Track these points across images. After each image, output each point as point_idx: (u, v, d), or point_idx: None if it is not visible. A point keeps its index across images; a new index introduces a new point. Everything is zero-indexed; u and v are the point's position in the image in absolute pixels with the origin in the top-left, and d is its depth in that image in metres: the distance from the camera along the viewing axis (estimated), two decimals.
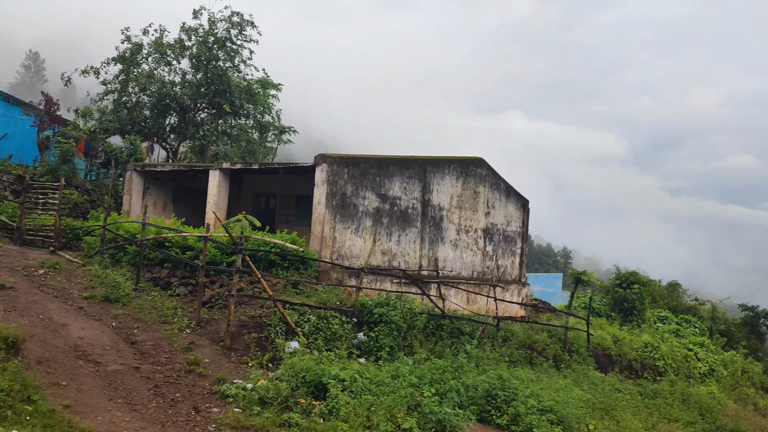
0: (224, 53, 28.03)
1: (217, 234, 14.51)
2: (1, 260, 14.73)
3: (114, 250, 16.40)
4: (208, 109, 29.35)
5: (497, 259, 21.85)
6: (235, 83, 28.17)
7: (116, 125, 27.90)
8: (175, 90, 28.22)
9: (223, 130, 30.61)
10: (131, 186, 21.86)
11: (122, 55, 27.86)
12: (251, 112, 30.10)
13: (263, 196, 24.61)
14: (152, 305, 13.65)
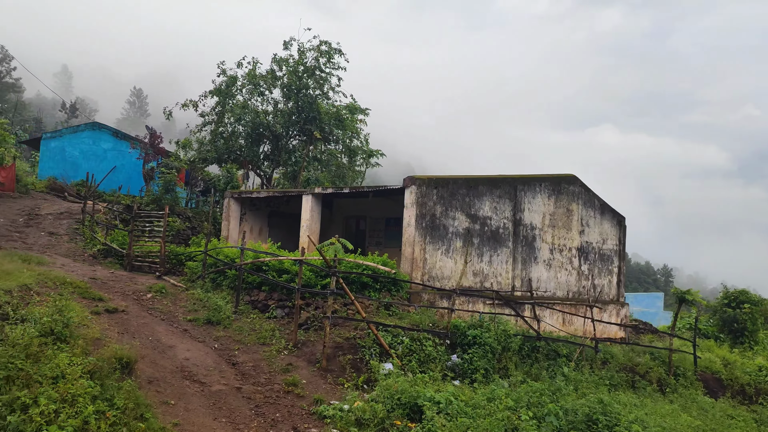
0: (314, 81, 28.97)
1: (312, 257, 14.90)
2: (114, 285, 15.74)
3: (215, 274, 17.16)
4: (300, 135, 30.32)
5: (593, 278, 21.16)
6: (324, 110, 29.01)
7: (214, 155, 29.32)
8: (268, 119, 29.39)
9: (314, 156, 31.51)
10: (229, 212, 22.84)
11: (218, 87, 29.39)
12: (340, 137, 30.87)
13: (354, 218, 25.05)
14: (251, 327, 14.15)
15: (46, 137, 35.86)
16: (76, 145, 35.43)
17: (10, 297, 10.79)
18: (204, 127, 30.01)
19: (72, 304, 11.50)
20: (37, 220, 23.52)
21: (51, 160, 34.96)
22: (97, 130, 36.42)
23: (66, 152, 35.16)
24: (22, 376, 8.46)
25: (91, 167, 33.04)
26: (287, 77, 29.02)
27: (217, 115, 29.56)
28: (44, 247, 20.05)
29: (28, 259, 16.09)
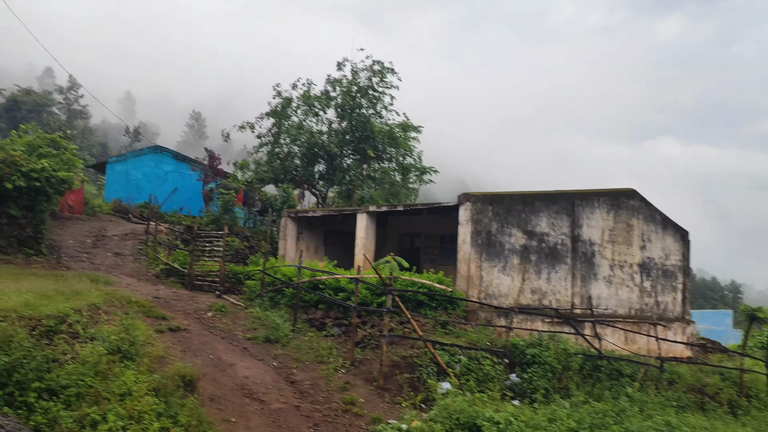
0: (367, 101, 29.28)
1: (367, 275, 14.96)
2: (176, 304, 16.18)
3: (273, 293, 17.44)
4: (353, 155, 30.63)
5: (656, 295, 20.49)
6: (377, 129, 29.25)
7: (270, 175, 29.91)
8: (322, 139, 29.83)
9: (368, 174, 31.75)
10: (286, 231, 23.22)
11: (274, 109, 30.03)
12: (393, 156, 31.00)
13: (408, 236, 25.08)
14: (309, 345, 14.29)
15: (112, 161, 37.38)
16: (140, 168, 36.75)
17: (80, 316, 11.23)
18: (261, 148, 30.66)
19: (137, 322, 11.89)
20: (103, 241, 24.47)
21: (116, 183, 36.36)
22: (159, 153, 37.74)
23: (130, 175, 36.50)
24: (91, 393, 8.78)
25: (153, 189, 34.21)
26: (341, 97, 29.44)
27: (273, 136, 30.17)
28: (111, 267, 20.82)
29: (96, 279, 16.72)
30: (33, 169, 19.40)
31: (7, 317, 9.73)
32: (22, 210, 19.88)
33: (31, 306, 10.76)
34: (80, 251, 22.50)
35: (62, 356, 9.43)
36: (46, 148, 21.13)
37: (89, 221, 28.35)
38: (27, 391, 8.29)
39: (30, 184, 19.33)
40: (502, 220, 17.04)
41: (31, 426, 7.87)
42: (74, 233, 24.96)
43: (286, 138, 29.98)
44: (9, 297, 10.93)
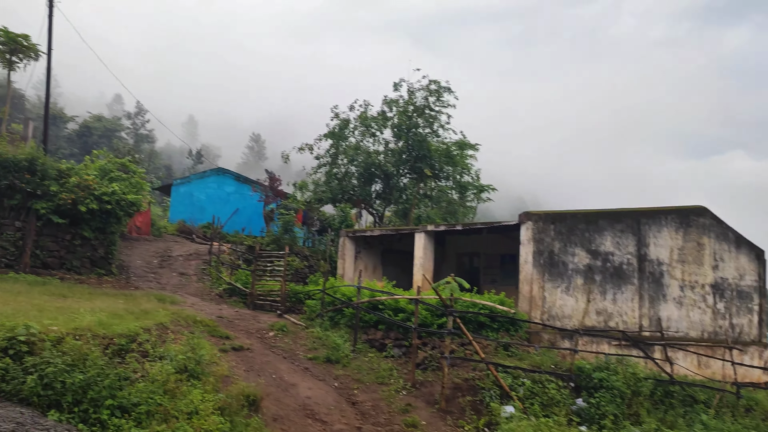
0: (423, 120, 29.38)
1: (427, 296, 14.87)
2: (239, 323, 16.47)
3: (332, 312, 17.54)
4: (410, 174, 30.70)
5: (731, 317, 19.60)
6: (434, 148, 29.28)
7: (328, 195, 30.27)
8: (379, 159, 30.04)
9: (425, 193, 31.74)
10: (344, 251, 23.38)
11: (332, 130, 30.47)
12: (450, 174, 30.94)
13: (467, 255, 24.84)
14: (369, 366, 14.27)
15: (176, 183, 38.64)
16: (203, 189, 37.86)
17: (149, 335, 11.54)
18: (319, 168, 31.13)
19: (203, 342, 12.13)
20: (169, 261, 25.21)
21: (180, 204, 37.53)
22: (221, 175, 38.80)
23: (193, 196, 37.63)
24: (161, 411, 8.98)
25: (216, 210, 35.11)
26: (397, 117, 29.64)
27: (331, 156, 30.60)
28: (176, 287, 21.40)
29: (162, 298, 17.21)
30: (105, 192, 20.22)
31: (82, 336, 10.09)
32: (94, 232, 20.75)
33: (104, 325, 11.12)
34: (147, 271, 23.24)
35: (133, 374, 9.69)
36: (116, 172, 22.02)
37: (155, 242, 29.29)
38: (100, 409, 8.54)
39: (102, 207, 20.16)
40: (564, 240, 16.69)
41: None
42: (142, 254, 25.81)
43: (343, 158, 30.35)
44: (84, 316, 11.33)
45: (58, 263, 20.22)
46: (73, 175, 20.57)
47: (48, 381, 8.48)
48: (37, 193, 19.67)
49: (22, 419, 7.71)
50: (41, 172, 19.66)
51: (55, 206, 19.66)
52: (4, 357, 8.72)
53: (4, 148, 19.45)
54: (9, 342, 8.93)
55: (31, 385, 8.40)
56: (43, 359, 8.77)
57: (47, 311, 11.84)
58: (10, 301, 12.65)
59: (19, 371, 8.61)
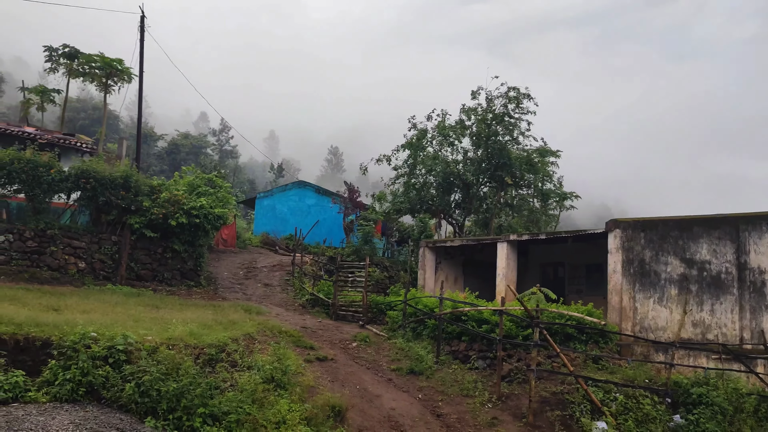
0: (503, 128, 28.93)
1: (512, 307, 14.55)
2: (322, 334, 16.65)
3: (414, 323, 17.45)
4: (490, 182, 30.28)
5: None
6: (514, 155, 28.76)
7: (407, 205, 30.26)
8: (458, 168, 29.81)
9: (505, 202, 31.22)
10: (424, 261, 23.26)
11: (409, 141, 30.46)
12: (532, 182, 30.31)
13: (551, 265, 24.18)
14: (453, 378, 14.06)
15: (260, 197, 39.78)
16: (285, 202, 38.78)
17: (237, 345, 11.84)
18: (397, 179, 31.17)
19: (288, 352, 12.33)
20: (254, 273, 25.88)
21: (264, 217, 38.58)
22: (302, 188, 39.65)
23: (276, 209, 38.60)
24: (250, 420, 9.16)
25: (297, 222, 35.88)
26: (476, 126, 29.33)
27: (409, 167, 30.59)
28: (261, 298, 21.92)
29: (249, 309, 17.66)
30: (193, 206, 21.03)
31: (175, 345, 10.46)
32: (184, 245, 21.61)
33: (195, 335, 11.50)
34: (234, 282, 23.94)
35: (223, 384, 9.95)
36: (203, 187, 22.86)
37: (241, 254, 30.18)
38: (193, 417, 8.81)
39: (191, 221, 20.97)
40: (656, 248, 15.94)
41: None
42: (228, 265, 26.64)
43: (421, 169, 30.28)
44: (176, 326, 11.77)
45: (151, 275, 21.15)
46: (164, 190, 21.54)
47: (145, 389, 8.83)
48: (131, 208, 20.69)
49: (121, 425, 8.04)
50: (135, 188, 20.69)
51: (147, 221, 20.63)
52: (105, 365, 9.14)
53: (101, 167, 20.58)
54: (109, 351, 9.36)
55: (129, 392, 8.76)
56: (140, 368, 9.14)
57: (142, 321, 12.38)
58: (108, 311, 13.31)
59: (118, 379, 9.01)
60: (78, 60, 31.38)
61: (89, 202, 20.61)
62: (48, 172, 19.54)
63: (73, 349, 9.16)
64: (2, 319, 10.19)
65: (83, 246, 19.93)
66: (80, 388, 8.75)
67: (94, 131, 45.65)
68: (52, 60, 31.70)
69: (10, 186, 19.67)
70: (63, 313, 12.34)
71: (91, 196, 20.23)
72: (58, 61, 31.68)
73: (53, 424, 7.55)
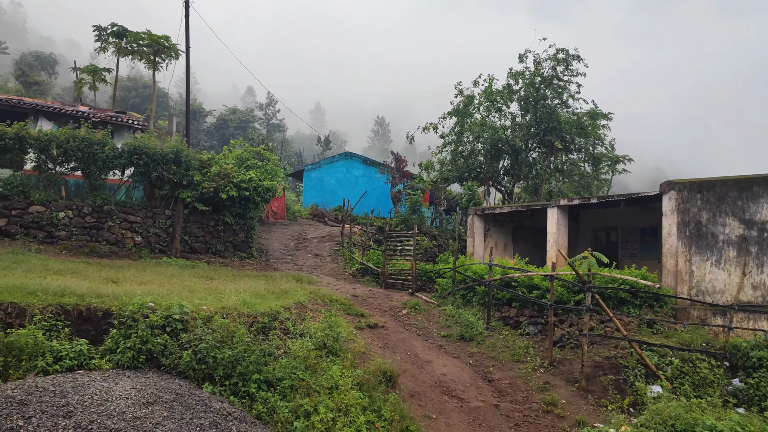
0: (551, 91, 28.27)
1: (562, 272, 14.39)
2: (372, 302, 16.83)
3: (464, 290, 17.45)
4: (539, 147, 29.75)
5: None
6: (564, 119, 28.13)
7: (455, 174, 30.04)
8: (506, 134, 29.35)
9: (555, 167, 30.64)
10: (473, 229, 23.15)
11: (456, 108, 30.09)
12: (582, 146, 29.62)
13: (603, 230, 23.75)
14: (504, 344, 14.06)
15: (308, 169, 40.11)
16: (332, 174, 39.03)
17: (289, 313, 12.08)
18: (444, 147, 30.92)
19: (339, 320, 12.51)
20: (304, 244, 26.26)
21: (312, 189, 38.96)
22: (349, 159, 39.76)
23: (324, 181, 38.90)
24: (303, 386, 9.37)
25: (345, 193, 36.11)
26: (524, 90, 28.74)
27: (456, 134, 30.28)
28: (312, 268, 22.26)
29: (300, 278, 17.97)
30: (243, 179, 21.38)
31: (229, 314, 10.75)
32: (235, 217, 22.05)
33: (248, 304, 11.78)
34: (285, 253, 24.36)
35: (276, 351, 10.19)
36: (252, 160, 23.18)
37: (291, 225, 30.63)
38: (249, 382, 9.06)
39: (241, 194, 21.34)
40: (713, 209, 15.42)
41: (253, 414, 8.58)
42: (279, 237, 27.09)
43: (469, 136, 29.94)
44: (230, 296, 12.07)
45: (204, 248, 21.69)
46: (214, 164, 21.94)
47: (201, 356, 9.12)
48: (183, 182, 21.18)
49: (180, 390, 8.35)
50: (185, 163, 21.14)
51: (198, 194, 21.10)
52: (163, 334, 9.47)
53: (152, 143, 21.07)
54: (166, 320, 9.68)
55: (186, 359, 9.07)
56: (196, 336, 9.43)
57: (197, 292, 12.74)
58: (165, 283, 13.74)
59: (176, 347, 9.32)
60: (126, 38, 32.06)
61: (142, 178, 21.17)
62: (102, 150, 20.12)
63: (133, 318, 9.50)
64: (65, 291, 10.65)
65: (139, 221, 20.55)
66: (140, 355, 9.09)
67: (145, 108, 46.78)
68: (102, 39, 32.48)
69: (67, 164, 20.33)
70: (122, 285, 12.81)
71: (144, 171, 20.78)
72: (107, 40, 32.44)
73: (116, 389, 7.89)
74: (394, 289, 19.90)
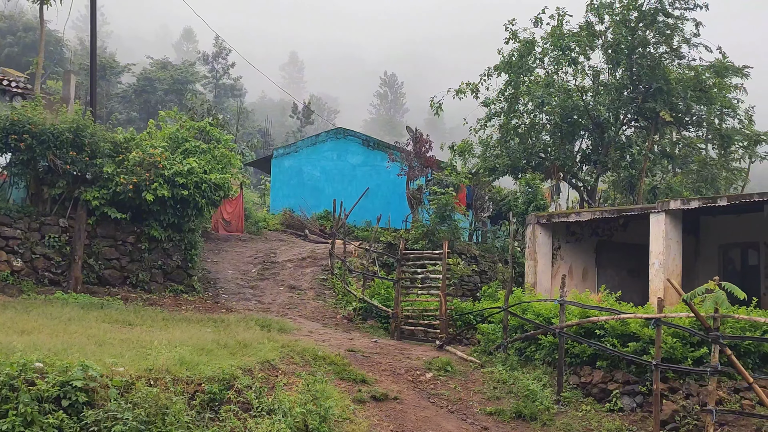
0: (655, 33, 28.33)
1: (675, 314, 14.31)
2: (380, 360, 16.82)
3: (522, 342, 17.41)
4: (637, 121, 29.83)
5: None
6: (675, 76, 28.18)
7: (505, 161, 30.12)
8: (585, 99, 29.40)
9: (661, 150, 30.67)
10: (535, 246, 23.14)
11: (507, 60, 30.14)
12: (704, 117, 29.63)
13: (736, 248, 23.74)
14: (585, 426, 14.02)
15: (278, 155, 40.17)
16: (316, 162, 39.07)
17: (251, 378, 12.07)
18: (489, 120, 31.00)
19: (328, 388, 12.50)
20: (273, 270, 26.31)
21: (285, 186, 39.00)
22: (341, 139, 39.78)
23: (303, 173, 38.95)
24: None
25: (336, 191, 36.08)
26: (612, 31, 28.82)
27: (507, 100, 30.37)
28: (285, 307, 22.29)
29: (267, 324, 17.97)
30: (178, 171, 21.36)
31: (159, 379, 10.75)
32: (166, 230, 22.06)
33: (187, 364, 11.77)
34: (243, 285, 24.39)
35: None
36: (193, 141, 23.19)
37: (252, 241, 30.69)
38: None
39: (175, 193, 21.31)
40: None
41: None
42: (234, 259, 27.14)
43: (527, 102, 30.02)
44: (159, 352, 12.06)
45: (120, 277, 21.76)
46: (134, 148, 21.96)
47: None
48: (87, 176, 21.22)
49: None
50: (90, 146, 21.17)
51: (111, 195, 21.11)
52: (57, 410, 9.46)
53: (39, 116, 21.07)
54: (62, 389, 9.68)
55: None
56: (109, 414, 9.43)
57: (109, 345, 12.75)
58: (59, 331, 13.76)
59: (78, 430, 9.31)
60: None
61: (24, 170, 21.20)
62: None
63: (11, 386, 9.49)
64: None
65: (18, 236, 20.61)
66: None
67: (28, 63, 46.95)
68: None
69: None
70: None
71: (26, 159, 20.81)
72: None
73: None
74: (412, 341, 19.89)
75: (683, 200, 19.98)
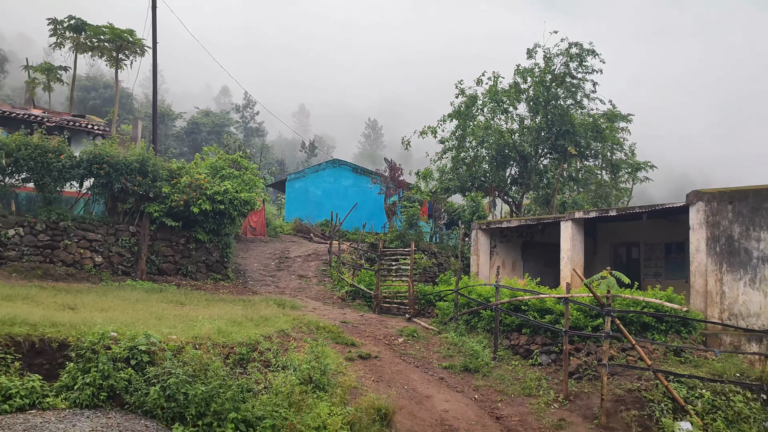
0: (564, 90, 28.45)
1: (578, 294, 14.42)
2: (365, 329, 16.81)
3: (468, 315, 17.46)
4: (551, 153, 29.94)
5: None
6: (578, 121, 28.31)
7: (456, 183, 30.13)
8: (513, 138, 29.52)
9: (569, 175, 30.83)
10: (477, 245, 23.21)
11: (457, 109, 30.20)
12: (599, 151, 29.81)
13: (623, 246, 23.87)
14: (513, 376, 14.07)
15: (291, 179, 40.16)
16: (318, 184, 39.08)
17: (270, 343, 12.06)
18: (444, 153, 31.01)
19: (327, 350, 12.49)
20: (287, 263, 26.24)
21: (296, 201, 38.98)
22: (337, 167, 39.85)
23: (309, 192, 38.94)
24: (287, 426, 9.33)
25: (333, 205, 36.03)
26: (533, 89, 28.89)
27: (457, 139, 30.38)
28: (295, 291, 22.23)
29: (282, 303, 17.93)
30: (217, 191, 21.37)
31: (202, 345, 10.72)
32: (208, 234, 22.03)
33: (224, 333, 11.76)
34: (265, 274, 24.32)
35: (256, 386, 10.15)
36: (228, 169, 23.21)
37: (271, 242, 30.61)
38: (225, 423, 9.02)
39: (215, 207, 21.33)
40: (747, 222, 15.52)
41: None
42: (258, 256, 27.06)
43: (472, 140, 30.03)
44: (202, 324, 12.04)
45: (174, 269, 21.65)
46: (184, 174, 21.94)
47: (171, 393, 9.08)
48: (149, 195, 21.19)
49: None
50: (152, 173, 21.14)
51: (167, 208, 21.08)
52: (127, 368, 9.43)
53: (115, 151, 21.06)
54: (130, 352, 9.64)
55: (154, 396, 9.02)
56: (165, 370, 9.39)
57: (166, 319, 12.70)
58: (128, 309, 13.69)
59: (142, 382, 9.28)
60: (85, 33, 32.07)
61: (103, 190, 21.14)
62: (58, 158, 20.08)
63: (92, 350, 9.46)
64: (16, 319, 10.57)
65: (99, 239, 20.50)
66: (101, 392, 9.04)
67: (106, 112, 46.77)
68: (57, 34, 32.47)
69: (18, 175, 20.26)
70: (80, 311, 12.75)
71: (105, 183, 20.75)
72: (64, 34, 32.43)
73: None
74: (389, 315, 19.89)
75: (585, 211, 20.11)
